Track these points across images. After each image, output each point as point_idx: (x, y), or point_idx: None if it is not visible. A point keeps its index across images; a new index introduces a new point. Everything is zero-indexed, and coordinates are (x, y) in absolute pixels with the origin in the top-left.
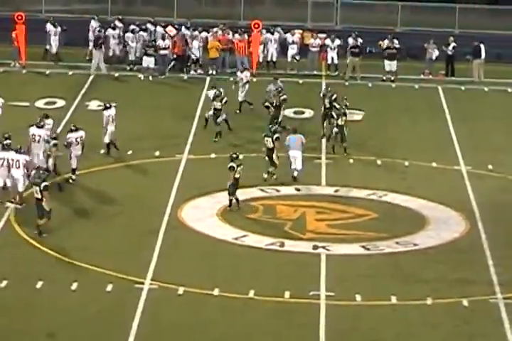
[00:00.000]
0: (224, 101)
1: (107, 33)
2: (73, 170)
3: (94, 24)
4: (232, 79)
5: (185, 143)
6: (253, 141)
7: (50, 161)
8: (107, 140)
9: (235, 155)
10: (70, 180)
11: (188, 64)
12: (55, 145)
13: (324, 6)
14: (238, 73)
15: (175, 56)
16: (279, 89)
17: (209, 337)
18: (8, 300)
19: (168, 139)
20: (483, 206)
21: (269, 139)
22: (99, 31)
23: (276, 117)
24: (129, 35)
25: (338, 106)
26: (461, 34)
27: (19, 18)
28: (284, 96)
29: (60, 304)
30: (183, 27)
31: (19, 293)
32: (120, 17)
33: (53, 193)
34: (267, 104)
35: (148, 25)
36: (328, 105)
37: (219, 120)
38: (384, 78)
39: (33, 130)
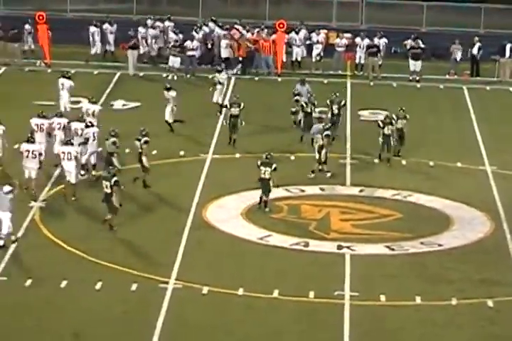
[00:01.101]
0: (242, 106)
1: (145, 32)
2: (93, 166)
3: (148, 23)
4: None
5: (210, 142)
6: (278, 142)
7: (115, 160)
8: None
9: (264, 156)
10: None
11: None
12: (146, 142)
13: (349, 5)
14: (216, 74)
15: (240, 59)
16: (310, 93)
17: (233, 337)
18: (32, 299)
19: (193, 139)
20: (508, 206)
21: (320, 136)
22: (134, 30)
23: (311, 124)
24: (172, 36)
25: (386, 115)
26: (487, 34)
27: (40, 18)
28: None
29: (84, 303)
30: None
31: (43, 293)
32: (170, 16)
33: (80, 193)
34: (293, 109)
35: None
36: (336, 111)
37: (239, 126)
38: (410, 78)
39: (36, 120)
